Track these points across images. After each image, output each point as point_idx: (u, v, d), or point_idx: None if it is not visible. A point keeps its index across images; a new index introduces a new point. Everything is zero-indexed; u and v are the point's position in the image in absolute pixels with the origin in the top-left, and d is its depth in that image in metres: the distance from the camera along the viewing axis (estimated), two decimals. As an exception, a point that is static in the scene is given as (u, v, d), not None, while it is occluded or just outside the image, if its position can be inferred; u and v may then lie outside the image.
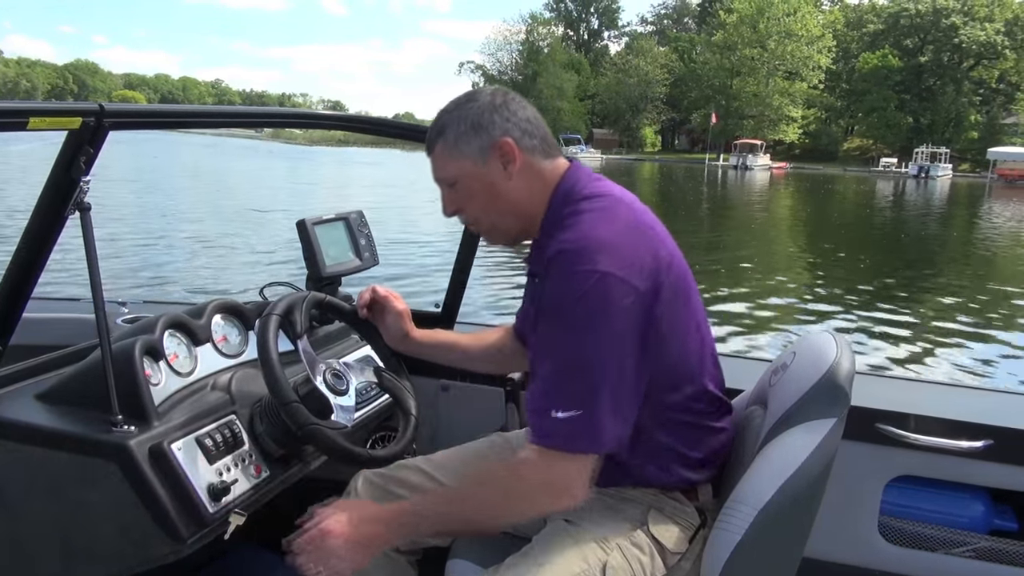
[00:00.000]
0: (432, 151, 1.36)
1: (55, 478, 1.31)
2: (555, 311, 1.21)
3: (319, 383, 1.48)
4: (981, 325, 8.85)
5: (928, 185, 47.48)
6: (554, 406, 1.18)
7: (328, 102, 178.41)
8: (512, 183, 1.33)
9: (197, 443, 1.35)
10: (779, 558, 1.31)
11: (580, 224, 1.26)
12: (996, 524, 1.79)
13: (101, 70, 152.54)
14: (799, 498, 1.24)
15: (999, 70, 63.64)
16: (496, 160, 1.32)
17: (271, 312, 1.49)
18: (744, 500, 1.26)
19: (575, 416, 1.18)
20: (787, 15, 64.70)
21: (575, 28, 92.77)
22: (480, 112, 1.32)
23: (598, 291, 1.18)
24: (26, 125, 1.14)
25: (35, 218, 1.33)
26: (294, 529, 1.32)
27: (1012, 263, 15.59)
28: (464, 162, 1.33)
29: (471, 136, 1.31)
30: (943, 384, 2.01)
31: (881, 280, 11.77)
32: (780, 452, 1.26)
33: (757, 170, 55.66)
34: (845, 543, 1.80)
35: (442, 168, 1.36)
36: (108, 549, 1.32)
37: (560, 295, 1.21)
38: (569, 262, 1.21)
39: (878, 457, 1.74)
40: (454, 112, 1.34)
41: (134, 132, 1.36)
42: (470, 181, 1.34)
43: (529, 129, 1.33)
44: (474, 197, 1.35)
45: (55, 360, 1.57)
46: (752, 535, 1.22)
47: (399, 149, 49.48)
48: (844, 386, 1.27)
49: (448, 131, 1.33)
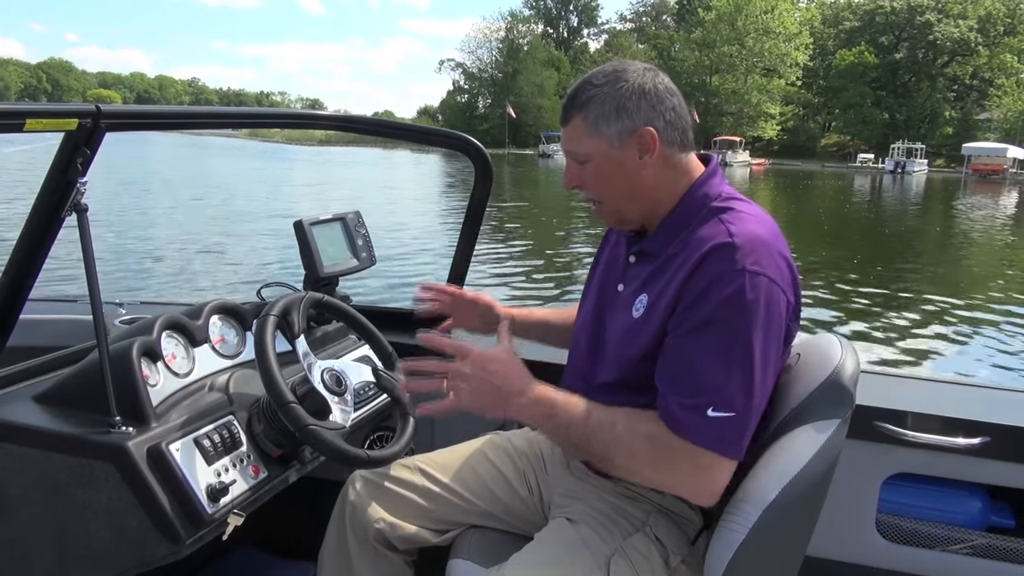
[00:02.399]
0: (568, 122, 1.31)
1: (53, 479, 1.31)
2: (722, 306, 1.16)
3: (317, 383, 1.48)
4: (975, 322, 8.87)
5: (905, 180, 48.09)
6: (712, 403, 1.15)
7: (307, 100, 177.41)
8: (645, 172, 1.29)
9: (195, 444, 1.34)
10: (782, 558, 1.31)
11: (742, 221, 1.23)
12: (993, 521, 1.79)
13: (75, 69, 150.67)
14: (802, 498, 1.24)
15: (972, 66, 64.66)
16: (634, 147, 1.27)
17: (269, 313, 1.49)
18: (747, 500, 1.25)
19: (728, 418, 1.15)
20: (765, 12, 65.24)
21: (555, 26, 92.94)
22: (628, 95, 1.26)
23: (766, 294, 1.16)
24: (23, 127, 1.13)
25: (32, 219, 1.32)
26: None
27: (999, 255, 15.78)
28: (600, 142, 1.27)
29: (613, 118, 1.26)
30: (940, 381, 1.99)
31: (871, 276, 11.79)
32: (784, 452, 1.26)
33: (737, 166, 56.03)
34: (843, 540, 1.80)
35: (576, 142, 1.31)
36: (106, 550, 1.31)
37: (727, 290, 1.16)
38: (736, 258, 1.17)
39: (875, 455, 1.75)
40: (602, 88, 1.27)
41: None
42: (602, 162, 1.29)
43: (673, 120, 1.28)
44: (601, 178, 1.31)
45: (53, 361, 1.56)
46: (755, 535, 1.22)
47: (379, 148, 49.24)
48: (849, 387, 1.28)
49: (591, 107, 1.27)
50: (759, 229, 1.22)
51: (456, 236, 2.16)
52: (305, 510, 1.85)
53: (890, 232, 20.04)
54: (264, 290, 1.91)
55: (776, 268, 1.19)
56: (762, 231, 1.22)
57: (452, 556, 1.49)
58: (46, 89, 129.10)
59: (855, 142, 66.21)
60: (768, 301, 1.16)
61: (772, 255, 1.20)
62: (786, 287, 1.20)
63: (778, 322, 1.18)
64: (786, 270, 1.22)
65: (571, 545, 1.30)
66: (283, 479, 1.49)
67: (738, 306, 1.15)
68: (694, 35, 69.05)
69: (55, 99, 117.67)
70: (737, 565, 1.23)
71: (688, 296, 1.20)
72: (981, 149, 53.02)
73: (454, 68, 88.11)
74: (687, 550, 1.36)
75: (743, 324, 1.15)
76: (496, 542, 1.43)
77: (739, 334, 1.15)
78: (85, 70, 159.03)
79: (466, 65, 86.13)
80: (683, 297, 1.21)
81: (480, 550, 1.46)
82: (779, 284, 1.18)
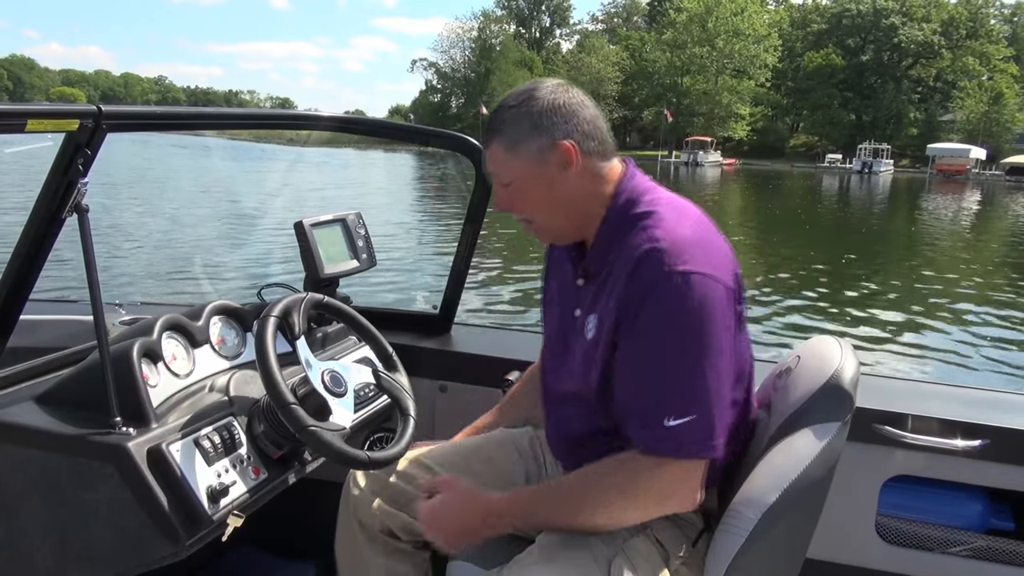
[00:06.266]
0: (489, 146, 1.33)
1: (53, 480, 1.30)
2: (657, 314, 1.18)
3: (317, 384, 1.47)
4: (975, 324, 8.97)
5: (871, 180, 49.01)
6: (667, 414, 1.16)
7: (277, 99, 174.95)
8: (569, 184, 1.30)
9: (195, 445, 1.34)
10: (782, 561, 1.32)
11: (663, 224, 1.24)
12: (993, 523, 1.80)
13: (38, 66, 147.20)
14: (802, 501, 1.24)
15: (936, 69, 66.07)
16: (554, 161, 1.28)
17: (269, 313, 1.49)
18: (748, 503, 1.25)
19: (689, 422, 1.16)
20: (735, 14, 65.99)
21: (527, 26, 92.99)
22: (541, 112, 1.27)
23: (700, 291, 1.17)
24: (24, 127, 1.13)
25: (33, 220, 1.31)
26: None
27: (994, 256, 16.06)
28: (521, 162, 1.29)
29: (531, 137, 1.28)
30: (939, 384, 2.00)
31: (860, 277, 11.88)
32: (784, 456, 1.26)
33: (708, 166, 56.70)
34: (843, 543, 1.81)
35: (498, 165, 1.32)
36: (106, 551, 1.31)
37: (660, 297, 1.18)
38: (664, 263, 1.18)
39: (875, 457, 1.76)
40: (515, 109, 1.29)
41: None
42: (526, 180, 1.30)
43: (589, 130, 1.29)
44: (529, 197, 1.32)
45: (53, 362, 1.55)
46: (755, 538, 1.22)
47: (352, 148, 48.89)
48: (849, 390, 1.28)
49: (507, 129, 1.29)
50: (681, 227, 1.24)
51: (433, 233, 2.16)
52: (305, 510, 1.85)
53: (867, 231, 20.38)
54: (264, 291, 1.91)
55: (706, 260, 1.20)
56: (685, 228, 1.24)
57: (452, 557, 1.49)
58: (8, 87, 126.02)
59: (823, 143, 67.24)
60: (704, 296, 1.17)
61: (700, 248, 1.21)
62: (721, 274, 1.21)
63: (721, 313, 1.19)
64: (718, 257, 1.23)
65: (573, 547, 1.30)
66: (283, 480, 1.49)
67: (676, 310, 1.17)
68: (665, 36, 69.56)
69: (17, 97, 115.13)
70: (736, 569, 1.24)
71: (628, 310, 1.21)
72: (945, 150, 54.26)
73: (427, 68, 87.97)
74: (688, 552, 1.36)
75: (685, 327, 1.17)
76: (497, 543, 1.42)
77: (683, 337, 1.17)
78: (48, 67, 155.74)
79: (439, 65, 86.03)
80: (623, 312, 1.22)
81: (481, 551, 1.45)
82: (712, 275, 1.19)
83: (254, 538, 1.68)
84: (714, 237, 1.27)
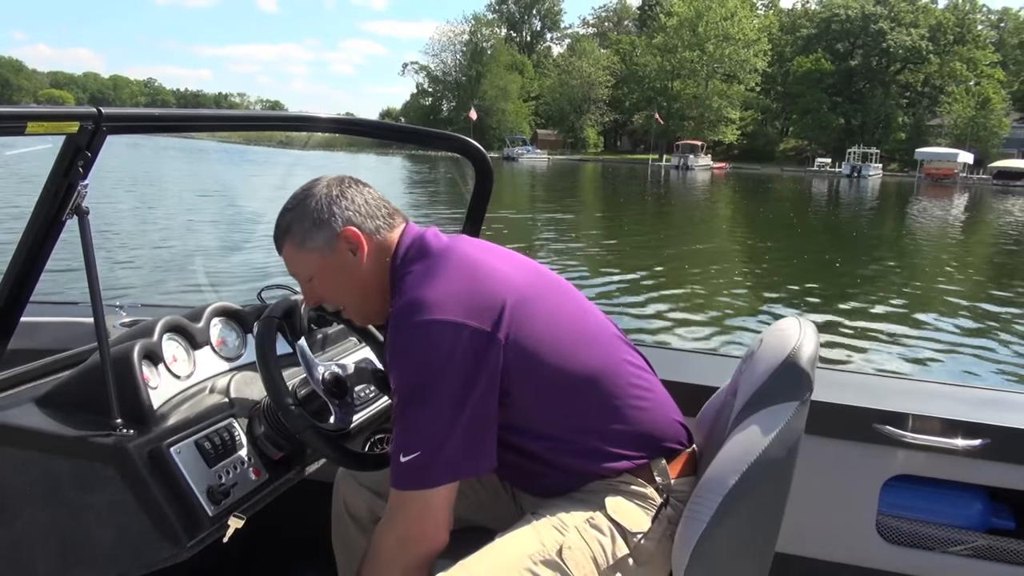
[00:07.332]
0: (281, 251, 1.41)
1: (54, 482, 1.30)
2: (391, 364, 1.27)
3: (317, 386, 1.48)
4: (973, 323, 9.01)
5: (861, 184, 49.32)
6: (400, 451, 1.23)
7: (267, 102, 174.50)
8: (364, 266, 1.37)
9: (196, 446, 1.34)
10: (748, 544, 1.31)
11: (412, 282, 1.31)
12: (994, 523, 1.80)
13: (26, 68, 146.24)
14: (765, 484, 1.24)
15: (924, 74, 66.65)
16: (343, 249, 1.37)
17: (269, 315, 1.49)
18: (709, 487, 1.26)
19: (415, 458, 1.23)
20: (725, 19, 66.37)
21: (518, 29, 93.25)
22: (319, 207, 1.36)
23: (440, 337, 1.23)
24: (24, 130, 1.12)
25: (33, 222, 1.30)
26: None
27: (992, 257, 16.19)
28: (314, 256, 1.37)
29: (315, 232, 1.36)
30: (939, 383, 2.02)
31: (857, 279, 11.92)
32: (743, 438, 1.27)
33: (698, 170, 56.86)
34: (843, 542, 1.81)
35: (295, 265, 1.41)
36: (107, 553, 1.30)
37: (392, 349, 1.26)
38: (396, 320, 1.27)
39: (875, 457, 1.75)
40: (295, 210, 1.38)
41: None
42: (324, 273, 1.38)
43: (369, 210, 1.38)
44: (332, 287, 1.40)
45: (54, 364, 1.54)
46: (717, 521, 1.23)
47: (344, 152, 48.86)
48: (806, 369, 1.27)
49: (293, 228, 1.37)
50: (429, 280, 1.29)
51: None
52: (305, 511, 1.84)
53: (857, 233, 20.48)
54: (265, 292, 1.90)
55: (441, 308, 1.24)
56: (434, 280, 1.29)
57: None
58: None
59: (812, 147, 67.68)
60: (441, 341, 1.22)
61: (446, 294, 1.26)
62: (467, 316, 1.24)
63: (463, 354, 1.23)
64: (457, 303, 1.26)
65: (528, 533, 1.32)
66: (284, 481, 1.49)
67: (410, 359, 1.24)
68: (656, 40, 69.85)
69: (4, 100, 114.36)
70: (702, 551, 1.24)
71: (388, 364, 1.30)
72: (933, 154, 54.78)
73: (418, 71, 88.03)
74: (647, 529, 1.36)
75: (416, 373, 1.23)
76: (466, 538, 1.38)
77: (415, 383, 1.23)
78: (36, 69, 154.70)
79: (430, 68, 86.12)
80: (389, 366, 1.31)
81: (449, 546, 1.44)
82: (453, 319, 1.23)
83: (254, 538, 1.68)
84: (469, 282, 1.30)
